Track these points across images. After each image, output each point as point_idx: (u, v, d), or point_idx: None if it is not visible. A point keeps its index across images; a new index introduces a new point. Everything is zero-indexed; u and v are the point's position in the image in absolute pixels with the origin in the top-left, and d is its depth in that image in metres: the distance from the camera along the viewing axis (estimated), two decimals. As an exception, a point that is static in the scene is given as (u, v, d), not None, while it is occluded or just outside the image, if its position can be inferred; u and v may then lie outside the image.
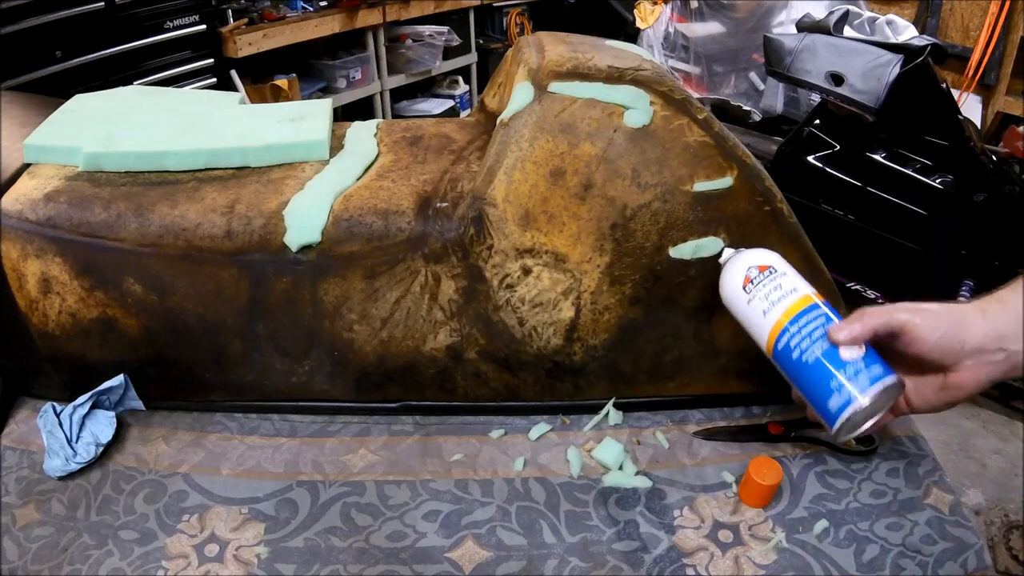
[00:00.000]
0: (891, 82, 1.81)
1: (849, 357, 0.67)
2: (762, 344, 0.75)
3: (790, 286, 0.73)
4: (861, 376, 0.67)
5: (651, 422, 0.96)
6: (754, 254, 0.78)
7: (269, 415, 0.96)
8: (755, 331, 0.75)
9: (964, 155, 1.87)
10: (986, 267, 1.87)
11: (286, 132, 0.97)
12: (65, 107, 1.03)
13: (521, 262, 0.85)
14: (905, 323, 0.65)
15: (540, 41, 0.97)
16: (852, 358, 0.67)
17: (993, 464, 1.89)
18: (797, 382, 0.73)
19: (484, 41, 3.75)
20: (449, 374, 0.92)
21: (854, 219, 2.02)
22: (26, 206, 0.86)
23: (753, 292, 0.74)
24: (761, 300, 0.74)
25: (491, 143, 0.88)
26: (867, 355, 0.68)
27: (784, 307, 0.72)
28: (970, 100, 2.99)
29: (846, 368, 0.67)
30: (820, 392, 0.69)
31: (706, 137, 0.83)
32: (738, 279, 0.76)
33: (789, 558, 0.78)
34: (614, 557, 0.78)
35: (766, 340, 0.74)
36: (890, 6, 3.13)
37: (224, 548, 0.79)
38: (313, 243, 0.84)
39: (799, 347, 0.70)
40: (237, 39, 2.42)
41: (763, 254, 0.77)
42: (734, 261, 0.79)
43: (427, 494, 0.86)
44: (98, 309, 0.88)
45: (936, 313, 0.65)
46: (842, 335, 0.67)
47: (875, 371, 0.67)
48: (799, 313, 0.71)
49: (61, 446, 0.86)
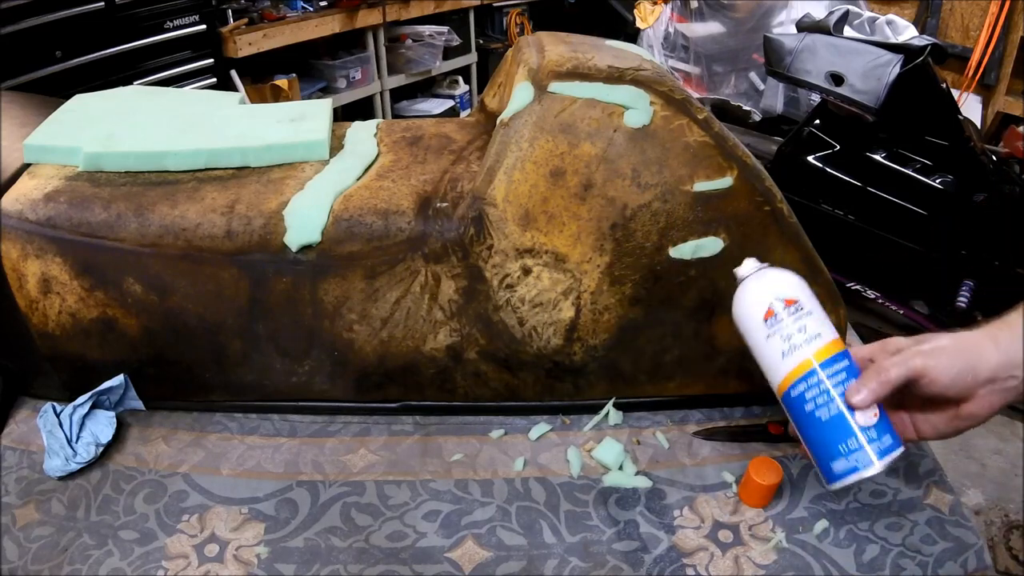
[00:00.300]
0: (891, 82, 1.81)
1: (864, 422, 0.63)
2: (772, 383, 0.69)
3: (815, 329, 0.67)
4: (873, 446, 0.63)
5: (651, 422, 0.95)
6: (781, 281, 0.69)
7: (269, 415, 0.96)
8: (767, 368, 0.69)
9: (964, 155, 1.87)
10: (986, 267, 1.86)
11: (286, 132, 0.97)
12: (65, 107, 1.03)
13: (521, 262, 0.85)
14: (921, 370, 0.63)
15: (540, 41, 0.97)
16: (867, 424, 0.63)
17: (993, 464, 1.89)
18: (804, 431, 0.67)
19: (484, 41, 3.75)
20: (449, 374, 0.92)
21: (854, 219, 2.02)
22: (26, 206, 0.86)
23: (775, 328, 0.67)
24: (781, 340, 0.67)
25: (491, 143, 0.88)
26: (880, 421, 0.64)
27: (805, 355, 0.66)
28: (970, 100, 2.99)
29: (858, 435, 0.63)
30: (827, 449, 0.64)
31: (706, 137, 0.83)
32: (758, 308, 0.68)
33: (789, 558, 0.78)
34: (614, 557, 0.78)
35: (779, 382, 0.68)
36: (890, 6, 3.12)
37: (224, 548, 0.79)
38: (313, 243, 0.84)
39: (814, 400, 0.65)
40: (237, 39, 2.41)
41: (790, 282, 0.69)
42: (757, 283, 0.70)
43: (427, 494, 0.86)
44: (98, 309, 0.88)
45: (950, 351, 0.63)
46: (859, 399, 0.63)
47: (886, 442, 0.64)
48: (822, 363, 0.65)
49: (61, 446, 0.86)
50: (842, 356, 0.66)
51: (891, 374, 0.63)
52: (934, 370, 0.62)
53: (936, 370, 0.62)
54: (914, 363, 0.63)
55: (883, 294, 2.01)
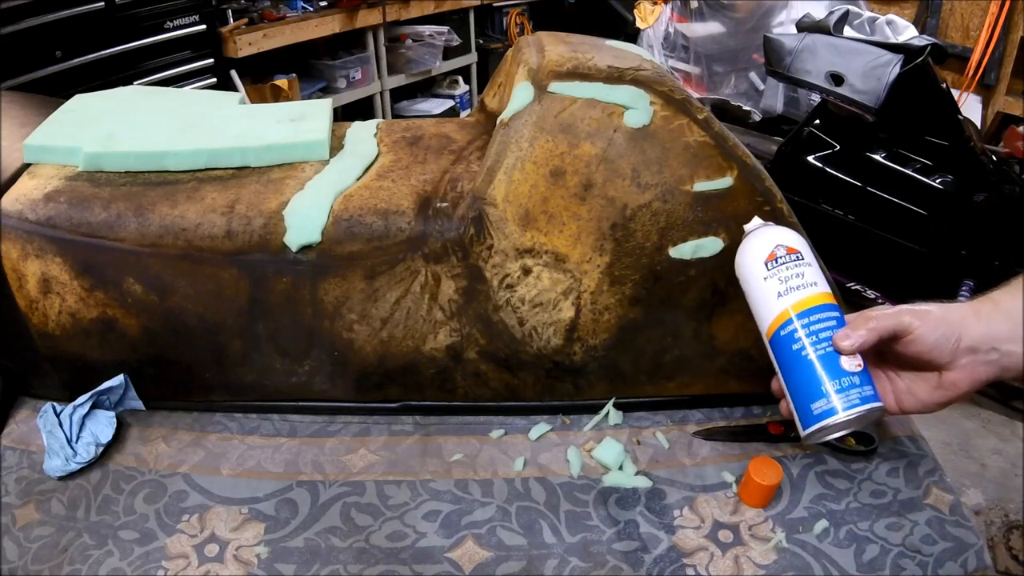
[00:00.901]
0: (891, 82, 1.82)
1: (847, 368, 0.67)
2: (763, 324, 0.73)
3: (812, 278, 0.71)
4: (853, 392, 0.66)
5: (651, 422, 0.96)
6: (786, 233, 0.75)
7: (269, 415, 0.96)
8: (761, 309, 0.73)
9: (964, 155, 1.87)
10: (986, 267, 1.87)
11: (286, 132, 0.97)
12: (65, 107, 1.03)
13: (521, 262, 0.85)
14: (908, 326, 0.66)
15: (540, 41, 0.97)
16: (850, 370, 0.67)
17: (993, 464, 1.89)
18: (786, 373, 0.71)
19: (484, 41, 3.75)
20: (449, 374, 0.92)
21: (854, 219, 2.02)
22: (26, 206, 0.86)
23: (774, 271, 0.72)
24: (779, 281, 0.71)
25: (491, 143, 0.88)
26: (863, 372, 0.67)
27: (800, 297, 0.70)
28: (970, 100, 2.99)
29: (841, 379, 0.66)
30: (807, 391, 0.68)
31: (706, 137, 0.83)
32: (761, 252, 0.73)
33: (789, 558, 0.78)
34: (614, 557, 0.78)
35: (770, 322, 0.72)
36: (890, 6, 3.13)
37: (224, 548, 0.79)
38: (313, 243, 0.84)
39: (801, 341, 0.69)
40: (237, 39, 2.42)
41: (794, 236, 0.74)
42: (762, 232, 0.75)
43: (427, 494, 0.86)
44: (98, 309, 0.88)
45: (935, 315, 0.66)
46: (847, 344, 0.66)
47: (866, 392, 0.66)
48: (813, 308, 0.69)
49: (61, 446, 0.86)
50: (833, 307, 0.70)
51: (880, 322, 0.66)
52: (919, 328, 0.65)
53: (921, 329, 0.65)
54: (902, 318, 0.66)
55: (883, 294, 2.02)
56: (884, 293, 2.03)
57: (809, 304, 0.69)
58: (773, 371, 0.74)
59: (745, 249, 0.76)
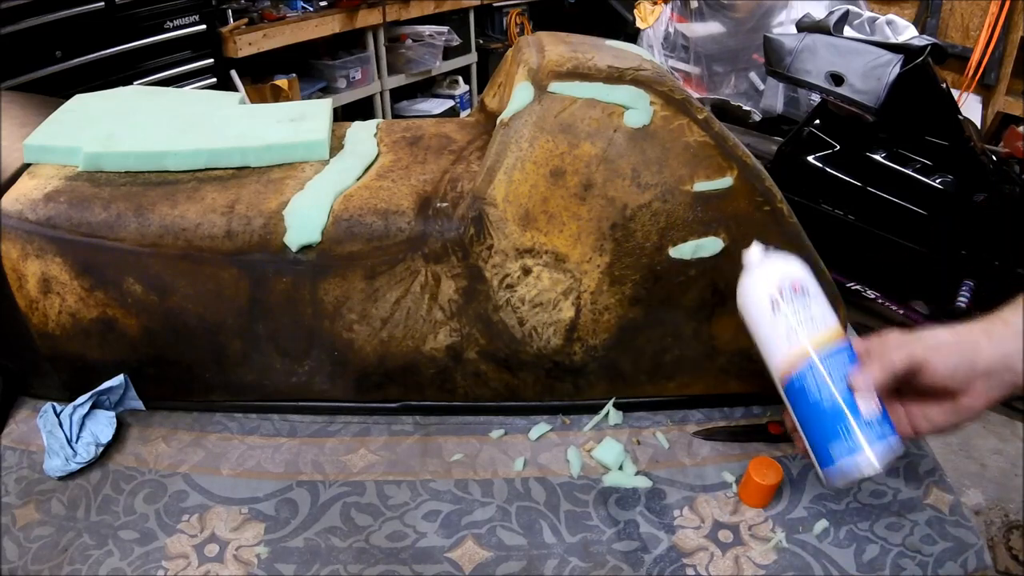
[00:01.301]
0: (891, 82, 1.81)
1: (865, 408, 0.64)
2: (774, 368, 0.70)
3: (820, 313, 0.68)
4: (873, 431, 0.63)
5: (651, 422, 0.96)
6: (789, 266, 0.71)
7: (269, 415, 0.96)
8: (770, 350, 0.70)
9: (964, 155, 1.87)
10: (986, 267, 1.87)
11: (286, 132, 0.97)
12: (65, 107, 1.03)
13: (521, 262, 0.85)
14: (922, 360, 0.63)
15: (540, 41, 0.97)
16: (868, 410, 0.64)
17: (993, 464, 1.89)
18: (801, 414, 0.68)
19: (484, 41, 3.75)
20: (449, 374, 0.92)
21: (854, 219, 2.02)
22: (26, 206, 0.86)
23: (781, 310, 0.68)
24: (787, 322, 0.68)
25: (491, 143, 0.88)
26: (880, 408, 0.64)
27: (809, 336, 0.67)
28: (970, 100, 2.99)
29: (859, 418, 0.63)
30: (824, 432, 0.65)
31: (706, 137, 0.83)
32: (764, 291, 0.70)
33: (789, 558, 0.78)
34: (614, 557, 0.78)
35: (781, 364, 0.68)
36: (890, 6, 3.12)
37: (224, 548, 0.79)
38: (313, 243, 0.84)
39: (815, 381, 0.65)
40: (237, 39, 2.41)
41: (798, 269, 0.70)
42: (764, 268, 0.71)
43: (427, 494, 0.86)
44: (98, 309, 0.88)
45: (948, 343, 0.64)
46: (863, 382, 0.64)
47: (886, 430, 0.64)
48: (824, 348, 0.66)
49: (61, 446, 0.86)
50: (844, 343, 0.67)
51: (894, 360, 0.64)
52: (934, 361, 0.63)
53: (936, 361, 0.63)
54: (916, 352, 0.64)
55: (883, 294, 2.01)
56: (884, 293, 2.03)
57: (819, 344, 0.66)
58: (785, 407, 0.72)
59: (747, 287, 0.72)
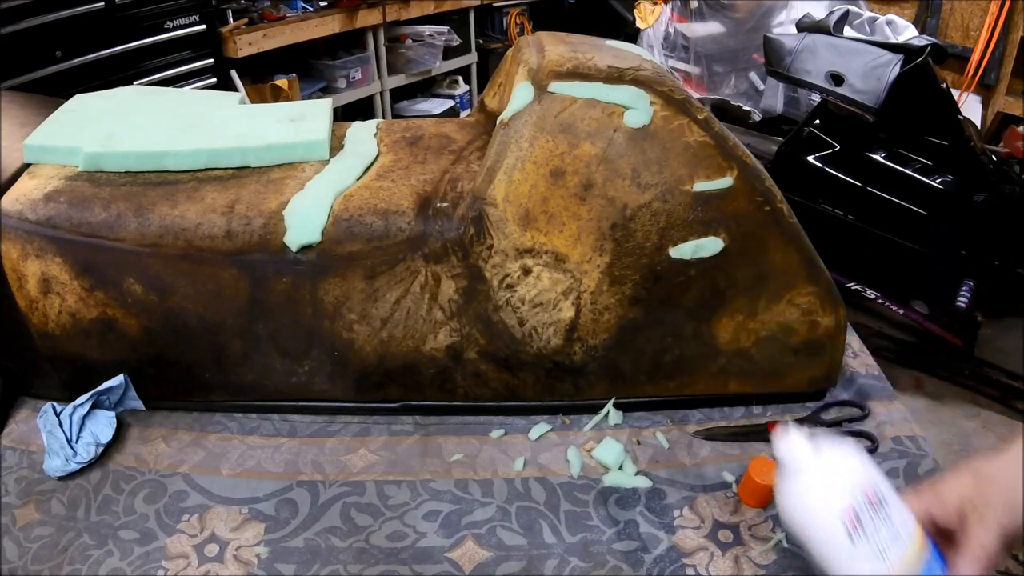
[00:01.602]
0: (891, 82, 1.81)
1: None
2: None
3: (901, 520, 0.54)
4: None
5: (651, 422, 0.95)
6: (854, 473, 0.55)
7: (269, 415, 0.96)
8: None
9: (964, 155, 1.87)
10: (986, 267, 1.87)
11: (286, 132, 0.97)
12: (65, 107, 1.03)
13: (521, 262, 0.85)
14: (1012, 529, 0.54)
15: (540, 41, 0.97)
16: None
17: (993, 464, 1.89)
18: None
19: (484, 41, 3.75)
20: (449, 374, 0.92)
21: (854, 219, 2.02)
22: (26, 206, 0.86)
23: (861, 536, 0.53)
24: (867, 548, 0.53)
25: (491, 143, 0.88)
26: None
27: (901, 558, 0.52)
28: (970, 100, 2.99)
29: None
30: None
31: (706, 137, 0.83)
32: (832, 513, 0.54)
33: (789, 558, 0.78)
34: (614, 557, 0.78)
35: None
36: (890, 6, 3.12)
37: (224, 548, 0.79)
38: (313, 243, 0.84)
39: None
40: (237, 39, 2.41)
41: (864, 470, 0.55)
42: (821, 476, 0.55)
43: (427, 494, 0.86)
44: (98, 309, 0.88)
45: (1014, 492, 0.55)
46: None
47: None
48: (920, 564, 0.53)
49: (61, 446, 0.86)
50: (931, 547, 0.54)
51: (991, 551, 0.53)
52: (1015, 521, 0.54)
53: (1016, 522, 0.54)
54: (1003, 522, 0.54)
55: (883, 294, 2.01)
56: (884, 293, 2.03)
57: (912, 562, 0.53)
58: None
59: (801, 500, 0.56)
